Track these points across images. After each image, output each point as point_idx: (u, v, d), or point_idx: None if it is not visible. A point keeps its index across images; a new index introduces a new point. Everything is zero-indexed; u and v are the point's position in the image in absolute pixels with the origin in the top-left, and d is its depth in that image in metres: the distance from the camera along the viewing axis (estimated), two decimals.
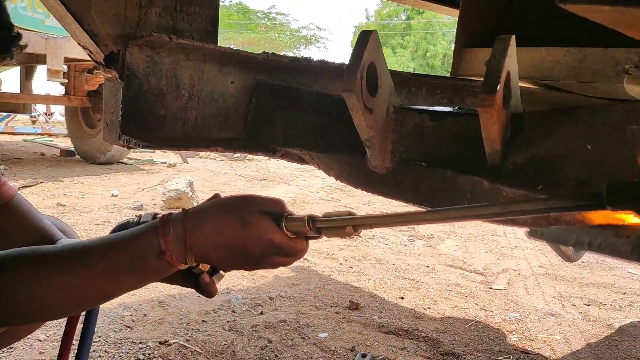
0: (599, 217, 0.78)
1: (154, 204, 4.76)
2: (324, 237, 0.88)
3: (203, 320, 2.39)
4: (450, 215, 0.78)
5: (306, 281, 3.06)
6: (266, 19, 31.43)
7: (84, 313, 1.11)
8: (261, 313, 2.53)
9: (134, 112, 1.22)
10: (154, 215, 0.96)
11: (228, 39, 28.33)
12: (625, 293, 3.35)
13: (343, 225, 0.83)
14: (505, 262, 3.88)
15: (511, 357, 2.29)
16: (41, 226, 1.06)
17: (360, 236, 4.08)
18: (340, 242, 3.89)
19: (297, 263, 1.94)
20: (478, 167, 1.01)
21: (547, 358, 2.34)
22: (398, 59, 29.15)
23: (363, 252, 3.81)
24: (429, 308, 2.82)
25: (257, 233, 0.82)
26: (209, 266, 0.89)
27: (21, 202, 1.06)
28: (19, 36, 0.92)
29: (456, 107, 1.13)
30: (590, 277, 3.62)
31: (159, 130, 1.26)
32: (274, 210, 0.84)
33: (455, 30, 1.76)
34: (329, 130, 1.27)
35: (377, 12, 34.23)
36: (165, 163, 7.27)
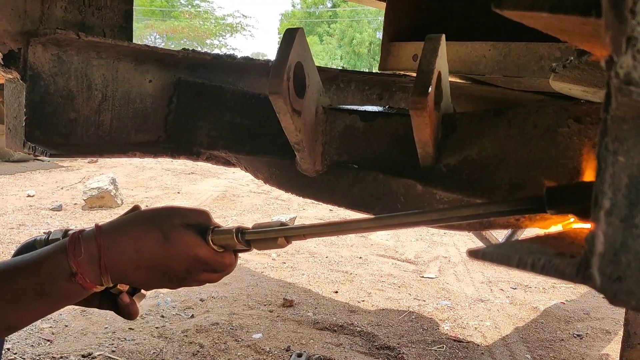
0: (535, 221, 0.77)
1: (75, 204, 4.52)
2: (255, 250, 0.83)
3: (130, 328, 2.28)
4: (387, 223, 0.75)
5: (238, 280, 2.99)
6: (190, 6, 30.58)
7: None
8: (192, 316, 2.44)
9: (40, 116, 1.11)
10: (65, 232, 0.88)
11: (150, 27, 27.33)
12: None
13: (275, 236, 0.79)
14: (436, 250, 3.96)
15: (444, 346, 2.33)
16: None
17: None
18: None
19: None
20: (411, 170, 0.98)
21: (478, 345, 2.39)
22: (325, 47, 29.16)
23: (296, 245, 3.77)
24: (363, 301, 2.82)
25: (181, 249, 0.76)
26: (128, 285, 0.83)
27: None
28: None
29: (387, 107, 1.10)
30: None
31: (69, 136, 1.16)
32: (199, 223, 0.79)
33: (381, 17, 1.74)
34: (255, 131, 1.21)
35: None
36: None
